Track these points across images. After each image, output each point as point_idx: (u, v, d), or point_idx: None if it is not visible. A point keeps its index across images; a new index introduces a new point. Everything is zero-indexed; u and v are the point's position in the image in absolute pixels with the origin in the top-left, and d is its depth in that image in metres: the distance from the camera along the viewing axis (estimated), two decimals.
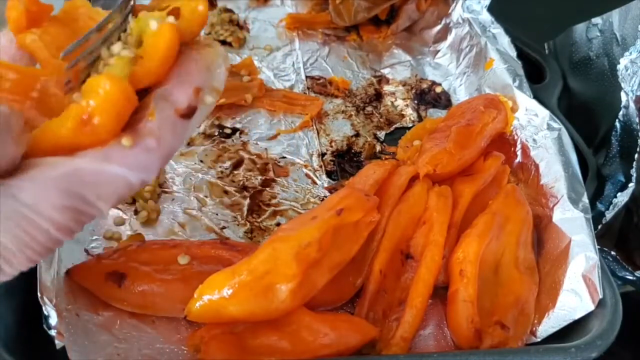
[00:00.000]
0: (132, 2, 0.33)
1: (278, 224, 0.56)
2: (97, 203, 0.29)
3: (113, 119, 0.30)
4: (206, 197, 0.58)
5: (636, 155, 0.53)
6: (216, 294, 0.41)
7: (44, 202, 0.27)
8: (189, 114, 0.32)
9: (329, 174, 0.62)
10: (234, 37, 0.78)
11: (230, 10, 0.81)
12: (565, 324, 0.46)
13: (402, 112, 0.71)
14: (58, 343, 0.39)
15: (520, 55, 0.70)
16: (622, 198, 0.53)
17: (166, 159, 0.32)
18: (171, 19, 0.32)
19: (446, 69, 0.78)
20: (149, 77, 0.32)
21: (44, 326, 0.40)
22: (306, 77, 0.74)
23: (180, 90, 0.32)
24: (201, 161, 0.61)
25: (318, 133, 0.67)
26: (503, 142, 0.62)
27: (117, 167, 0.29)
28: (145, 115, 0.31)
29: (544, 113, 0.59)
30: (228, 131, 0.65)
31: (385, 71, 0.77)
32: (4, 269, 0.27)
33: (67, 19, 0.34)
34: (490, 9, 0.75)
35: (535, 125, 0.59)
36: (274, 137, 0.66)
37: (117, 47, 0.32)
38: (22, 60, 0.33)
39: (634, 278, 0.53)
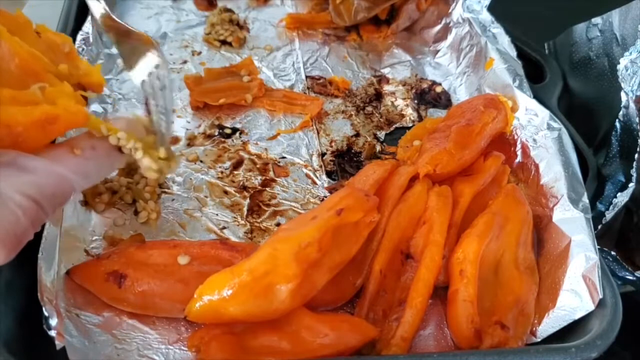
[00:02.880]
0: None
1: (278, 224, 0.56)
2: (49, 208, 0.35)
3: (58, 135, 0.38)
4: (206, 197, 0.58)
5: (636, 155, 0.53)
6: (216, 295, 0.41)
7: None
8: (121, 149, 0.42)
9: (329, 174, 0.62)
10: (234, 37, 0.78)
11: (230, 10, 0.81)
12: (565, 324, 0.46)
13: (402, 112, 0.71)
14: (58, 344, 0.39)
15: (520, 55, 0.70)
16: (622, 198, 0.53)
17: (99, 174, 0.41)
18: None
19: (446, 69, 0.77)
20: None
21: (44, 326, 0.40)
22: (306, 77, 0.74)
23: None
24: (201, 161, 0.61)
25: (318, 133, 0.67)
26: (503, 142, 0.62)
27: (66, 170, 0.36)
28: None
29: (544, 113, 0.59)
30: (228, 131, 0.65)
31: (385, 71, 0.77)
32: None
33: None
34: (491, 8, 0.75)
35: (535, 125, 0.59)
36: (274, 137, 0.66)
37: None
38: None
39: (634, 278, 0.53)
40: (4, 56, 0.38)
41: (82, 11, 0.72)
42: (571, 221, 0.50)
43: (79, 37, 0.68)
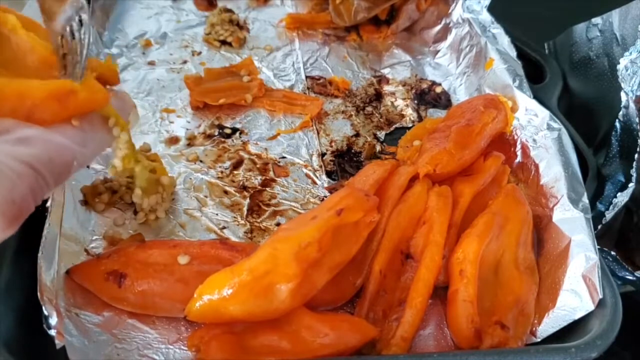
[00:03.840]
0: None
1: (278, 224, 0.56)
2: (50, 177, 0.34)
3: (78, 111, 0.38)
4: (206, 197, 0.58)
5: (636, 155, 0.53)
6: (216, 294, 0.41)
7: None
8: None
9: (329, 174, 0.62)
10: (234, 37, 0.78)
11: (230, 10, 0.82)
12: (565, 324, 0.46)
13: (402, 112, 0.71)
14: (58, 343, 0.39)
15: (520, 55, 0.70)
16: (622, 198, 0.53)
17: (96, 147, 0.40)
18: None
19: (446, 69, 0.78)
20: None
21: (44, 326, 0.39)
22: (306, 77, 0.75)
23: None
24: (201, 161, 0.61)
25: (318, 133, 0.67)
26: (503, 142, 0.62)
27: (64, 138, 0.36)
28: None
29: (544, 113, 0.59)
30: (228, 131, 0.65)
31: (385, 71, 0.77)
32: None
33: None
34: (490, 9, 0.75)
35: (535, 125, 0.59)
36: (274, 137, 0.66)
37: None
38: None
39: (634, 278, 0.53)
40: (23, 51, 0.39)
41: None
42: (571, 221, 0.50)
43: None
